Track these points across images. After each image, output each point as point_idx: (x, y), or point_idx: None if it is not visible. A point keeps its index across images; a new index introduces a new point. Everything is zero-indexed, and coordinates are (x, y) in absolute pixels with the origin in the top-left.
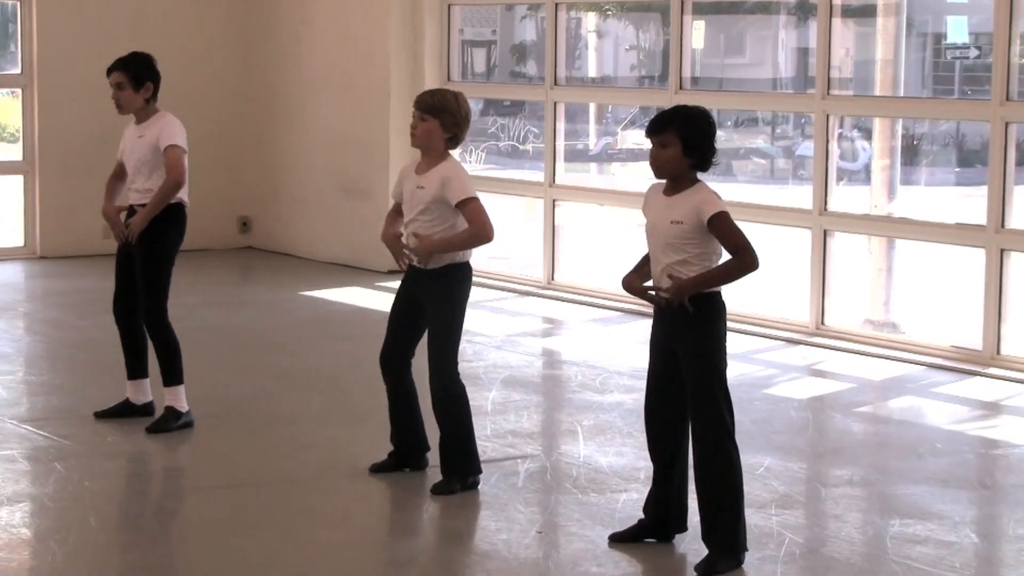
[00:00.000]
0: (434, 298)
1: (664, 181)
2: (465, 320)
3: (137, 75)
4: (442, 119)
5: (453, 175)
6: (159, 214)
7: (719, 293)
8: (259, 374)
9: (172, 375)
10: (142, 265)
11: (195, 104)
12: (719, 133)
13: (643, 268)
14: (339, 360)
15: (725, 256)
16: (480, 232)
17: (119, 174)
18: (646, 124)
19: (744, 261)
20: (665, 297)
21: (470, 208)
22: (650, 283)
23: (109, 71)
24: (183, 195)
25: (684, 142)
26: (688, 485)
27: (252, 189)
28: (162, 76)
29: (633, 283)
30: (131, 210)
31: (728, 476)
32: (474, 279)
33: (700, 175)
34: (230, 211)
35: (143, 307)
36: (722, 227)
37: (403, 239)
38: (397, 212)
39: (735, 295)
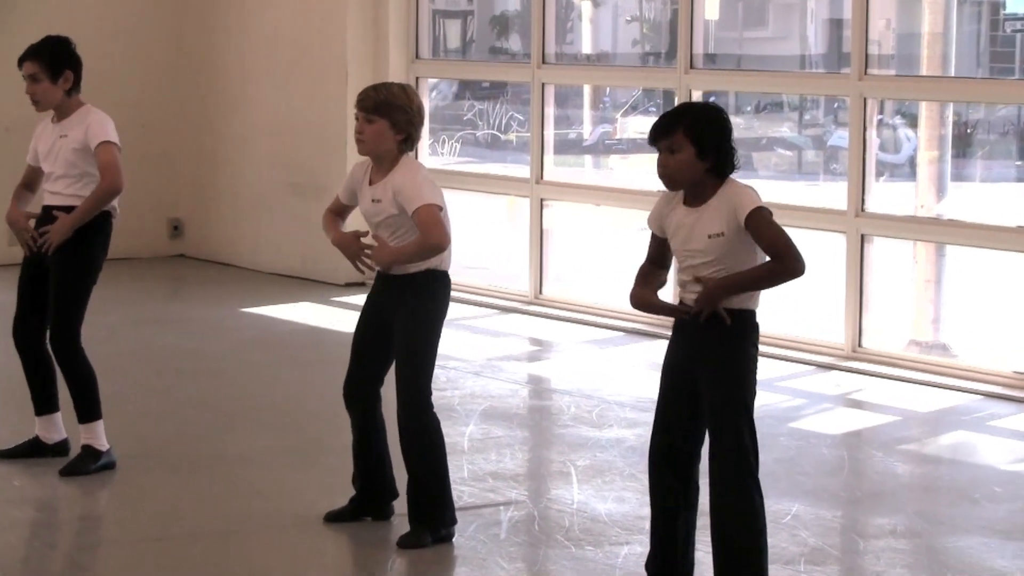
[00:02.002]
0: (403, 313)
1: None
2: (440, 341)
3: (54, 63)
4: (392, 118)
5: (403, 183)
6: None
7: (753, 313)
8: (194, 406)
9: (88, 410)
10: (58, 279)
11: (115, 85)
12: (737, 120)
13: (650, 283)
14: (289, 389)
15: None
16: (427, 241)
17: (30, 182)
18: (651, 127)
19: (787, 265)
20: (694, 309)
21: (420, 214)
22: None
23: (20, 61)
24: (113, 205)
25: (697, 143)
26: (696, 535)
27: (184, 186)
28: (84, 62)
29: (644, 297)
30: (46, 214)
31: (750, 526)
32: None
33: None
34: (158, 213)
35: (51, 329)
36: (761, 225)
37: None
38: (338, 212)
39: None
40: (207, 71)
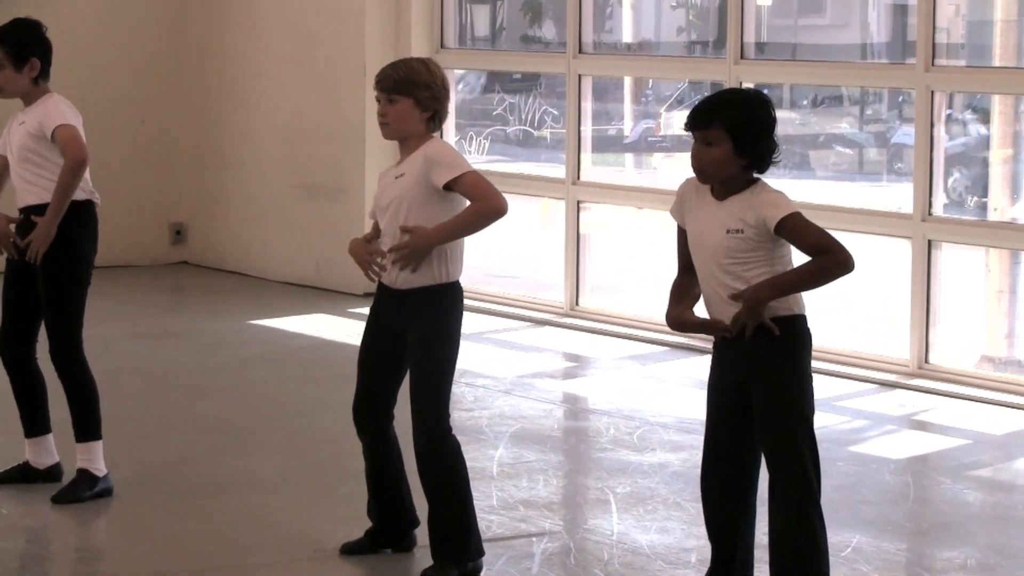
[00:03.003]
0: (416, 329)
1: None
2: (459, 356)
3: (18, 49)
4: (416, 95)
5: (440, 151)
6: (63, 218)
7: (804, 318)
8: (198, 427)
9: (87, 428)
10: (49, 286)
11: (112, 81)
12: (791, 115)
13: (685, 298)
14: (301, 409)
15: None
16: (490, 205)
17: (1, 171)
18: (689, 111)
19: (834, 257)
20: (736, 325)
21: (467, 181)
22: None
23: None
24: (90, 192)
25: (734, 138)
26: (754, 567)
27: (186, 187)
28: (66, 46)
29: (682, 316)
30: (25, 219)
31: (812, 558)
32: (475, 304)
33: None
34: (158, 216)
35: (52, 340)
36: (799, 228)
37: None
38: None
39: (810, 323)
40: (212, 61)
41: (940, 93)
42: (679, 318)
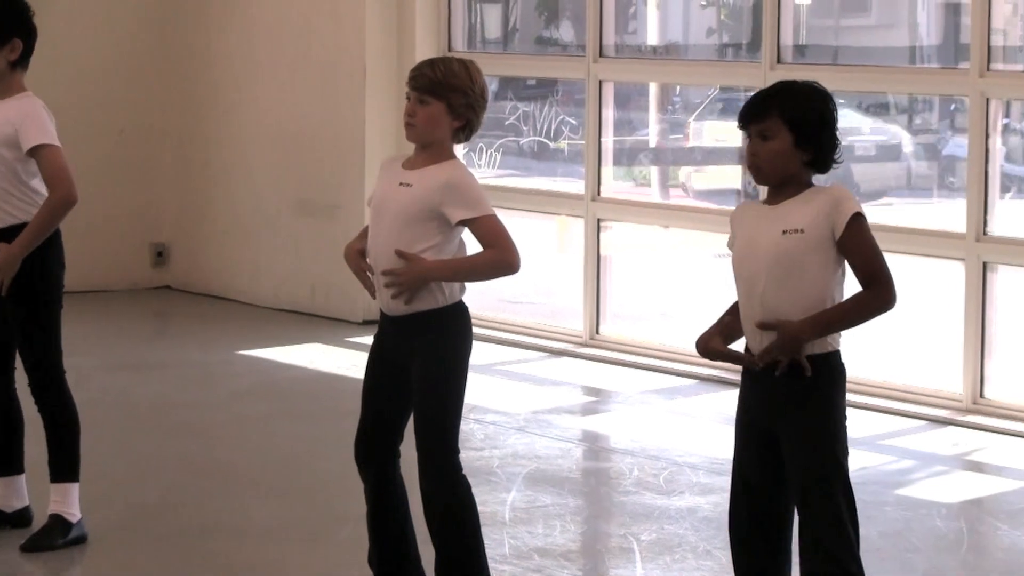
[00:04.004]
0: (420, 358)
1: (749, 195)
2: (467, 388)
3: (1, 28)
4: (450, 100)
5: (461, 181)
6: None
7: (838, 353)
8: (181, 467)
9: (65, 468)
10: (21, 315)
11: (85, 83)
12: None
13: (728, 324)
14: (295, 448)
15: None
16: (505, 257)
17: None
18: (739, 110)
19: (880, 295)
20: (766, 359)
21: (486, 225)
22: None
23: None
24: None
25: (795, 129)
26: None
27: (169, 204)
28: (42, 49)
29: (710, 343)
30: None
31: None
32: (485, 333)
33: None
34: (138, 236)
35: (33, 373)
36: (860, 238)
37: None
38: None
39: (850, 354)
40: (198, 65)
41: (996, 100)
42: (707, 344)
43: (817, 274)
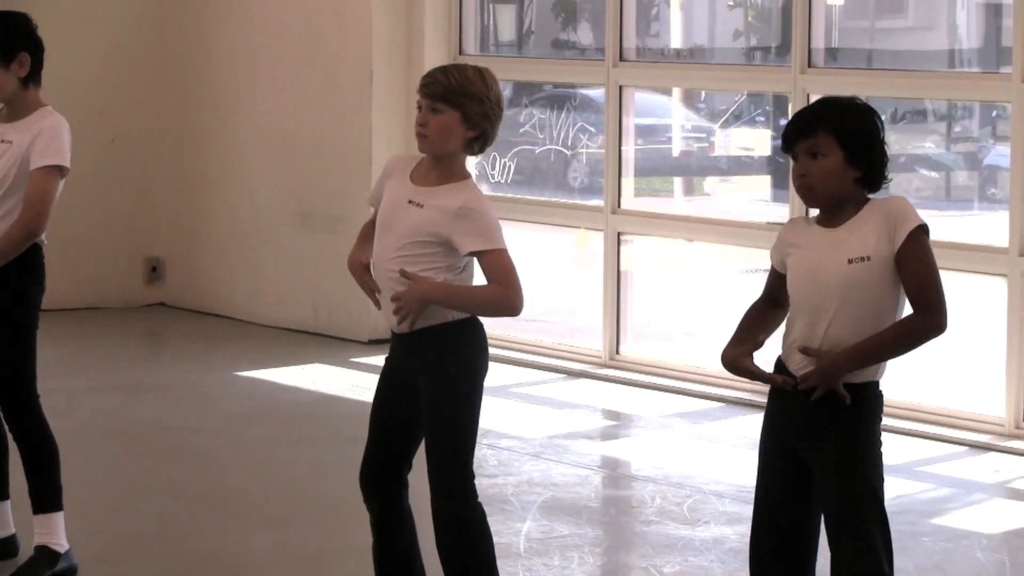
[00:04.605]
0: (431, 376)
1: (799, 214)
2: (482, 411)
3: (6, 44)
4: (466, 109)
5: (479, 209)
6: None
7: (877, 382)
8: (177, 495)
9: (46, 497)
10: None
11: (75, 88)
12: None
13: (751, 337)
14: (297, 475)
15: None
16: (510, 297)
17: None
18: (780, 129)
19: (928, 321)
20: (801, 386)
21: (496, 260)
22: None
23: None
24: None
25: (846, 146)
26: None
27: (164, 217)
28: None
29: (740, 359)
30: None
31: None
32: (500, 353)
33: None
34: (131, 250)
35: (2, 398)
36: (919, 254)
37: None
38: (373, 227)
39: (885, 376)
40: (194, 71)
41: None
42: (737, 361)
43: (884, 300)
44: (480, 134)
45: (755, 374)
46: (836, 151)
